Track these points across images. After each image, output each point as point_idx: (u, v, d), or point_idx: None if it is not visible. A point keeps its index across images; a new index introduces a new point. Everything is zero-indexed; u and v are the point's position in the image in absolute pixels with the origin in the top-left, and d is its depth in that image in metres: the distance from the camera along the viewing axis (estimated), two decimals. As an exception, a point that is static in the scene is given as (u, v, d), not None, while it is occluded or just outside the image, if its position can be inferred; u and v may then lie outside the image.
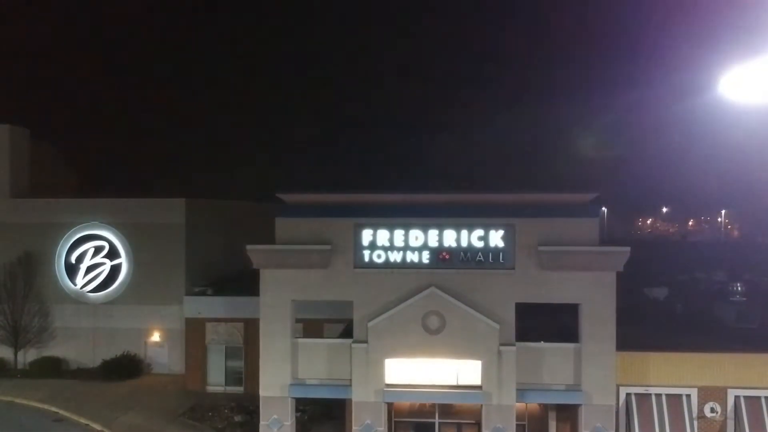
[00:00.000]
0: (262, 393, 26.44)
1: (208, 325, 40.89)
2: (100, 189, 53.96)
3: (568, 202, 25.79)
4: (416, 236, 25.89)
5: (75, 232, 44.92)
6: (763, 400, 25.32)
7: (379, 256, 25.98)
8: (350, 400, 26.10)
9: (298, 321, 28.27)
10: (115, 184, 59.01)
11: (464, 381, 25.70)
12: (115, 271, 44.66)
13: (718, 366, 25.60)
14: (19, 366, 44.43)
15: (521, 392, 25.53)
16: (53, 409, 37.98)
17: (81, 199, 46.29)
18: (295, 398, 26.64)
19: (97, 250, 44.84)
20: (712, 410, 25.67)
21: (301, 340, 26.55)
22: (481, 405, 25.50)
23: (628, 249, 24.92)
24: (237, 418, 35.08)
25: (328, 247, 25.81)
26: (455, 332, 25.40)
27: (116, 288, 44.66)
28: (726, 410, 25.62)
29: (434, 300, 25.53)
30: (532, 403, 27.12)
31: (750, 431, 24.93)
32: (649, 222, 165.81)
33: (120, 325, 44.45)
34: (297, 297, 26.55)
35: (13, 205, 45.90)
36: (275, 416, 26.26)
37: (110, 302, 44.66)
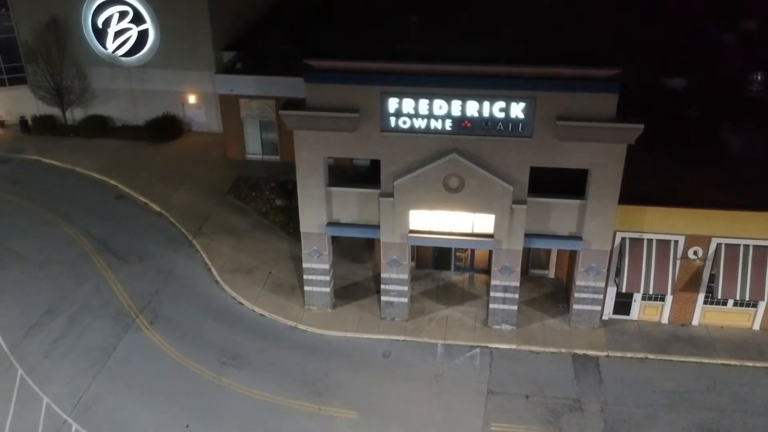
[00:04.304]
0: (302, 229, 30.25)
1: (242, 101, 43.15)
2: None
3: (590, 77, 26.13)
4: (440, 105, 26.94)
5: (96, -3, 44.54)
6: (741, 248, 28.75)
7: (404, 123, 27.41)
8: (379, 239, 29.99)
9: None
10: None
11: (478, 230, 29.11)
12: (143, 36, 45.39)
13: (706, 219, 28.49)
14: (69, 123, 47.95)
15: (528, 239, 29.07)
16: (112, 182, 42.56)
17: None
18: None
19: (122, 15, 45.01)
20: (695, 253, 29.32)
21: (333, 189, 29.39)
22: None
23: (641, 126, 26.10)
24: (278, 202, 39.58)
25: (356, 115, 27.14)
26: (473, 192, 28.06)
27: (147, 52, 45.87)
28: (707, 254, 29.27)
29: (455, 164, 27.69)
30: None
31: (723, 271, 28.81)
32: None
33: (156, 87, 46.78)
34: (328, 154, 28.71)
35: (25, -35, 44.78)
36: (315, 247, 30.48)
37: (143, 66, 46.20)
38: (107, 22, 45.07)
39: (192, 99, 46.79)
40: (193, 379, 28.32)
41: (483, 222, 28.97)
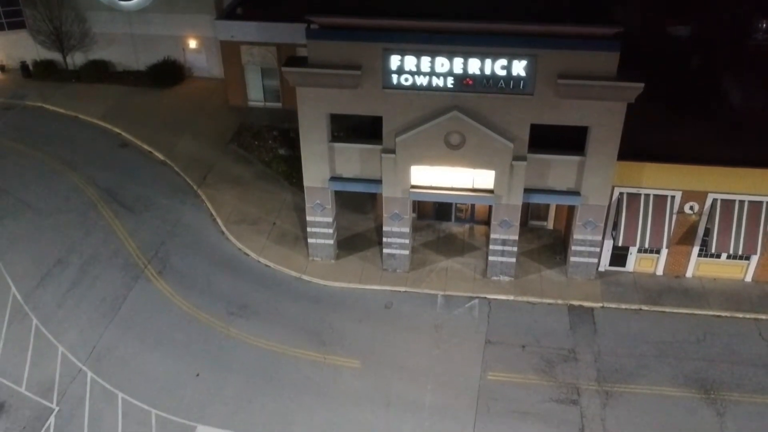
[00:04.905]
0: (306, 184, 30.76)
1: (243, 48, 42.93)
2: None
3: (592, 35, 26.13)
4: (442, 63, 27.01)
5: (92, -61, 43.74)
6: (736, 203, 29.28)
7: (406, 80, 27.54)
8: (381, 194, 30.52)
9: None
10: None
11: (479, 185, 29.60)
12: (141, -21, 44.72)
13: (703, 175, 28.91)
14: (70, 68, 47.83)
15: (527, 194, 29.57)
16: (116, 129, 42.81)
17: None
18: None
19: (120, -42, 44.20)
20: (691, 208, 29.86)
21: (336, 145, 29.74)
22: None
23: (642, 85, 26.26)
24: (281, 152, 39.96)
25: (358, 72, 27.26)
26: (474, 148, 28.43)
27: (146, -3, 45.30)
28: (703, 209, 29.82)
29: (456, 121, 27.97)
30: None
31: (718, 226, 29.42)
32: None
33: (156, 32, 46.44)
34: (331, 110, 28.92)
35: None
36: (318, 201, 31.07)
37: (143, 10, 45.77)
38: (105, -35, 44.41)
39: (193, 44, 46.53)
40: (202, 329, 29.36)
41: (483, 178, 29.44)
